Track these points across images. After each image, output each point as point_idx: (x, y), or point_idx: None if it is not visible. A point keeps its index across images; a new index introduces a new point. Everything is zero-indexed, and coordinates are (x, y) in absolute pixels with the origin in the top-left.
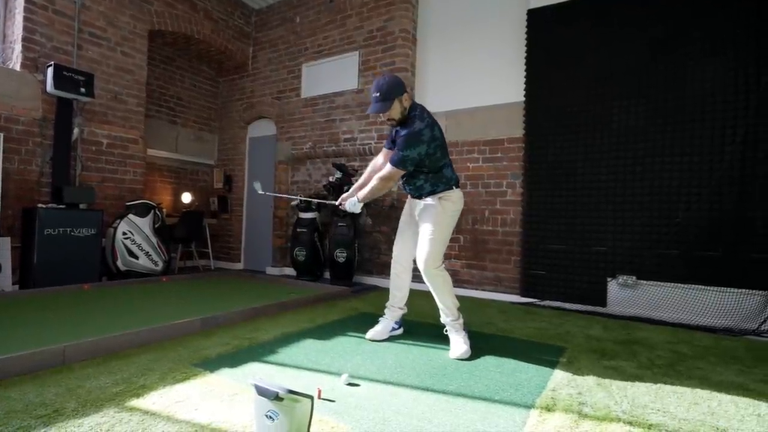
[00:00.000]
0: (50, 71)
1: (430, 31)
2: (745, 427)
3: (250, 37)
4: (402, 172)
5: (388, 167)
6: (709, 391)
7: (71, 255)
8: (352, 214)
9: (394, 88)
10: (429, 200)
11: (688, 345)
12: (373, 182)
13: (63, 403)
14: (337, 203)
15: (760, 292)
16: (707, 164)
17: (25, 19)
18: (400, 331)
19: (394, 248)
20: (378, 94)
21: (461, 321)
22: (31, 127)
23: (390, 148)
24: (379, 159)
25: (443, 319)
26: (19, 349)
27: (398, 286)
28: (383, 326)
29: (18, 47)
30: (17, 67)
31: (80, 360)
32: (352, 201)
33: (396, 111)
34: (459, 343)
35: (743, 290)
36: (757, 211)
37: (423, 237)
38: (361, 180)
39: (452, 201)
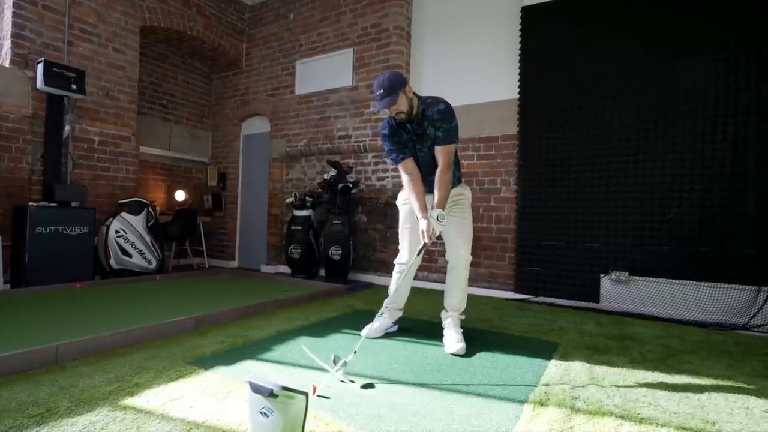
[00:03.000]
0: (40, 67)
1: (424, 27)
2: (734, 420)
3: (243, 33)
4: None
5: (446, 148)
6: (699, 384)
7: (63, 254)
8: (348, 212)
9: (396, 82)
10: (459, 189)
11: (679, 340)
12: (441, 183)
13: (56, 402)
14: (428, 242)
15: (750, 287)
16: (699, 161)
17: (15, 14)
18: (395, 329)
19: (406, 254)
20: (382, 91)
21: (464, 317)
22: (21, 124)
23: (404, 157)
24: (408, 176)
25: (448, 314)
26: (11, 348)
27: (404, 289)
28: (381, 324)
29: (7, 43)
30: (6, 64)
31: (73, 359)
32: (435, 220)
33: (403, 103)
34: (457, 339)
35: (733, 285)
36: (748, 207)
37: (464, 228)
38: (416, 200)
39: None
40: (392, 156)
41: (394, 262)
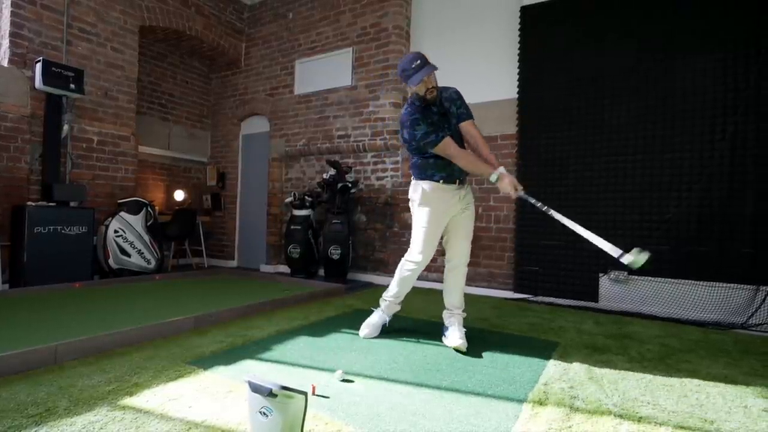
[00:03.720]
0: (39, 67)
1: (423, 27)
2: (732, 419)
3: (242, 33)
4: None
5: (474, 122)
6: (697, 383)
7: (62, 253)
8: (347, 212)
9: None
10: (468, 187)
11: (678, 339)
12: (486, 148)
13: (55, 402)
14: (521, 188)
15: (748, 286)
16: (697, 161)
17: (13, 14)
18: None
19: (426, 250)
20: (419, 62)
21: (465, 314)
22: (20, 123)
23: (444, 135)
24: (455, 148)
25: (452, 312)
26: (9, 349)
27: (410, 286)
28: (379, 319)
29: (6, 42)
30: (5, 63)
31: (72, 359)
32: (509, 177)
33: (435, 78)
34: (460, 336)
35: (732, 285)
36: (746, 207)
37: (472, 228)
38: (479, 162)
39: None
40: (430, 138)
41: (406, 259)
